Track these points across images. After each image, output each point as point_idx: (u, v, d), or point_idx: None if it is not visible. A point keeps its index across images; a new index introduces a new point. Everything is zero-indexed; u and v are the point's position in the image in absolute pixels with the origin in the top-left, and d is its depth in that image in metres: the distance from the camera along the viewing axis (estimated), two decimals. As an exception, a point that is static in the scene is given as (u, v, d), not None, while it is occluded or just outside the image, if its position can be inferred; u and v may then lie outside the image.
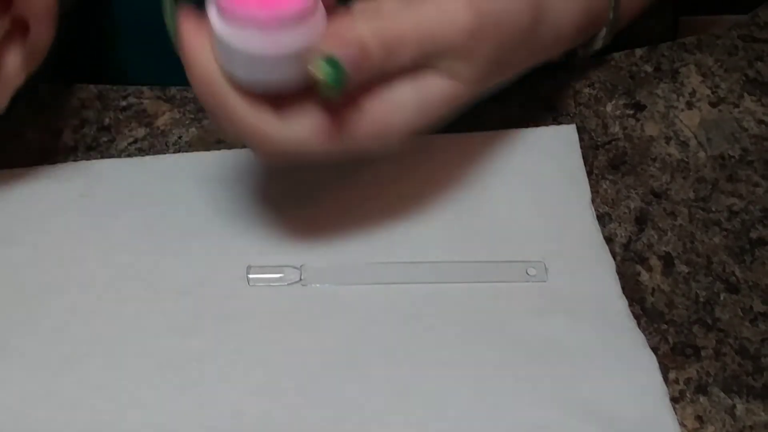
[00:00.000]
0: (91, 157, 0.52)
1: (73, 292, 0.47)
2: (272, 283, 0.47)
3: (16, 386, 0.44)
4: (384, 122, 0.40)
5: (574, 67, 0.55)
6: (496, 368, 0.44)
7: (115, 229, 0.49)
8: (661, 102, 0.55)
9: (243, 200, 0.50)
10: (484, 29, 0.40)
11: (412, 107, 0.41)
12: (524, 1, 0.43)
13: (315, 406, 0.43)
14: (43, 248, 0.48)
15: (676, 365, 0.44)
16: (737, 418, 0.43)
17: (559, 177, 0.51)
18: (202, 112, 0.54)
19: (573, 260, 0.47)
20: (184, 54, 0.38)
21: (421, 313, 0.46)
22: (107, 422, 0.43)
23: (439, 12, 0.39)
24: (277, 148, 0.39)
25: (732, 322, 0.46)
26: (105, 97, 0.55)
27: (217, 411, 0.43)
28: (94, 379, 0.44)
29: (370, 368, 0.44)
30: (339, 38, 0.36)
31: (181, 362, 0.44)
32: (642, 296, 0.47)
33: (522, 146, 0.52)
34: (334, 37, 0.36)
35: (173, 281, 0.47)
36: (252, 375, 0.44)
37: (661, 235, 0.49)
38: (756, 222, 0.49)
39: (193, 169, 0.51)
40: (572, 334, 0.45)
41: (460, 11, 0.39)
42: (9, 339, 0.45)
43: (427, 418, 0.42)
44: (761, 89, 0.55)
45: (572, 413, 0.42)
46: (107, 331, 0.45)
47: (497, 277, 0.47)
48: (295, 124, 0.39)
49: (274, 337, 0.45)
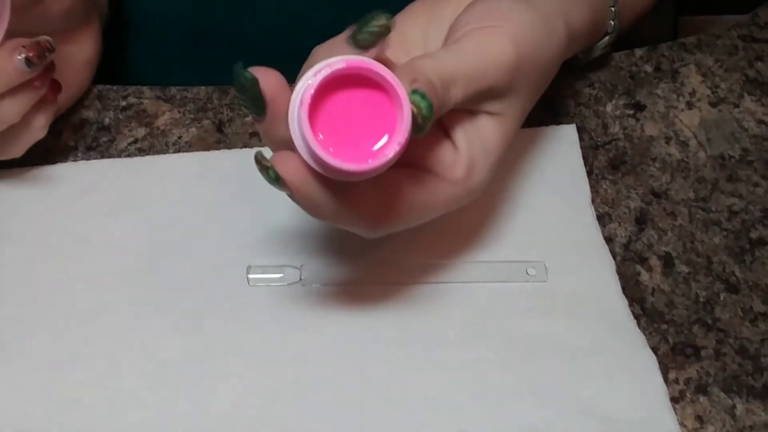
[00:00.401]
0: (91, 157, 0.52)
1: (73, 292, 0.47)
2: (272, 283, 0.47)
3: (16, 386, 0.44)
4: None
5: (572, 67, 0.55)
6: (496, 368, 0.44)
7: (115, 229, 0.49)
8: (661, 102, 0.55)
9: (243, 200, 0.50)
10: (525, 66, 0.41)
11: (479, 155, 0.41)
12: (558, 35, 0.43)
13: (315, 406, 0.43)
14: (43, 248, 0.48)
15: (676, 365, 0.44)
16: (737, 418, 0.43)
17: (559, 177, 0.51)
18: (202, 112, 0.54)
19: (573, 260, 0.47)
20: (270, 140, 0.39)
21: (421, 313, 0.46)
22: (107, 422, 0.43)
23: (484, 51, 0.40)
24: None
25: (732, 322, 0.46)
26: (105, 97, 0.55)
27: (217, 411, 0.43)
28: (94, 379, 0.44)
29: (370, 368, 0.44)
30: (411, 75, 0.37)
31: (181, 362, 0.44)
32: (642, 296, 0.47)
33: (522, 146, 0.52)
34: (406, 75, 0.37)
35: (173, 281, 0.47)
36: (252, 375, 0.44)
37: (661, 235, 0.49)
38: (756, 222, 0.49)
39: (193, 169, 0.51)
40: (572, 334, 0.45)
41: (503, 49, 0.40)
42: (9, 339, 0.45)
43: (427, 417, 0.42)
44: (761, 89, 0.55)
45: (572, 413, 0.42)
46: (107, 331, 0.45)
47: (497, 277, 0.47)
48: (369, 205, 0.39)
49: (274, 337, 0.45)
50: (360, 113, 0.35)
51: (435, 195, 0.40)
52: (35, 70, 0.44)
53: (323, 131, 0.35)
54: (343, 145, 0.35)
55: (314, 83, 0.34)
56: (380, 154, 0.35)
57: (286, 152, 0.36)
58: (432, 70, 0.37)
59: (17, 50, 0.43)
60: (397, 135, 0.35)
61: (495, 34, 0.40)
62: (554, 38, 0.43)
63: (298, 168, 0.36)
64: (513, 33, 0.40)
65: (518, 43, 0.40)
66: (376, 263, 0.47)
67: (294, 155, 0.36)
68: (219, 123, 0.54)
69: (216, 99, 0.55)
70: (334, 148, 0.34)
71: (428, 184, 0.40)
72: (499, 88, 0.40)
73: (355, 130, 0.35)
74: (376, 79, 0.35)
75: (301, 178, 0.36)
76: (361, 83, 0.35)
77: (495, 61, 0.40)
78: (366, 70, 0.35)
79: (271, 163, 0.36)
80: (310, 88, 0.34)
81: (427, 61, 0.38)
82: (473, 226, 0.49)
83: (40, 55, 0.44)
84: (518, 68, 0.41)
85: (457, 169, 0.40)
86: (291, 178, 0.36)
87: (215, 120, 0.54)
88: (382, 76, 0.35)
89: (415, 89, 0.36)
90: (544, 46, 0.42)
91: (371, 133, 0.35)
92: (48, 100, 0.47)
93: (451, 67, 0.38)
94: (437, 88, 0.37)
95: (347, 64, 0.34)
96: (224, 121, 0.54)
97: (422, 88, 0.36)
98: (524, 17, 0.42)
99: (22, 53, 0.43)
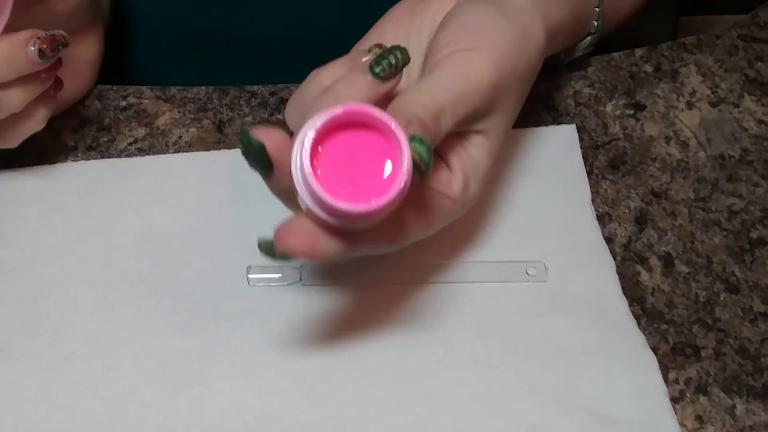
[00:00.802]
0: (91, 157, 0.53)
1: (73, 292, 0.47)
2: (272, 283, 0.47)
3: (16, 386, 0.44)
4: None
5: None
6: (496, 368, 0.44)
7: (115, 229, 0.49)
8: (661, 102, 0.55)
9: (243, 200, 0.50)
10: (505, 83, 0.42)
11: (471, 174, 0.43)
12: (536, 41, 0.44)
13: (315, 406, 0.43)
14: (43, 248, 0.48)
15: (676, 365, 0.44)
16: (737, 418, 0.43)
17: (559, 177, 0.51)
18: (202, 112, 0.54)
19: (573, 260, 0.47)
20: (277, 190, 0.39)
21: (421, 313, 0.46)
22: (107, 422, 0.43)
23: (466, 76, 0.40)
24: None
25: (732, 322, 0.46)
26: (105, 97, 0.55)
27: (217, 411, 0.43)
28: (94, 379, 0.44)
29: (370, 368, 0.44)
30: (404, 118, 0.37)
31: (180, 362, 0.44)
32: (642, 296, 0.47)
33: (522, 146, 0.52)
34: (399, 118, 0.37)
35: (173, 281, 0.47)
36: (252, 375, 0.44)
37: (661, 235, 0.49)
38: (756, 222, 0.49)
39: (193, 169, 0.51)
40: (572, 334, 0.45)
41: (484, 73, 0.41)
42: (9, 339, 0.45)
43: (427, 417, 0.42)
44: (761, 89, 0.55)
45: (572, 413, 0.42)
46: (107, 331, 0.45)
47: (497, 277, 0.47)
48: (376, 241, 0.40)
49: (274, 337, 0.45)
50: (360, 156, 0.36)
51: (440, 211, 0.42)
52: (47, 61, 0.45)
53: (325, 178, 0.35)
54: (346, 189, 0.35)
55: (313, 133, 0.35)
56: (384, 194, 0.35)
57: (286, 229, 0.37)
58: (422, 108, 0.38)
59: (32, 41, 0.44)
60: (399, 176, 0.35)
61: (475, 58, 0.41)
62: (533, 46, 0.43)
63: (303, 238, 0.37)
64: (493, 55, 0.41)
65: (498, 63, 0.41)
66: (375, 264, 0.47)
67: (293, 228, 0.37)
68: (219, 123, 0.54)
69: (216, 99, 0.55)
70: (336, 192, 0.35)
71: (432, 202, 0.41)
72: (483, 108, 0.41)
73: (357, 174, 0.36)
74: (374, 124, 0.36)
75: (311, 244, 0.37)
76: (358, 125, 0.36)
77: (477, 85, 0.41)
78: (364, 116, 0.35)
79: (278, 250, 0.37)
80: (309, 138, 0.35)
81: (416, 97, 0.39)
82: (473, 226, 0.49)
83: (53, 48, 0.45)
84: (499, 87, 0.41)
85: (454, 187, 0.42)
86: (301, 249, 0.37)
87: (215, 120, 0.54)
88: (382, 122, 0.35)
89: (413, 136, 0.36)
90: (523, 58, 0.43)
91: (373, 175, 0.36)
92: (49, 94, 0.48)
93: (439, 100, 0.39)
94: (430, 127, 0.38)
95: (345, 110, 0.35)
96: (224, 121, 0.54)
97: (418, 132, 0.37)
98: (502, 34, 0.42)
99: (37, 44, 0.44)
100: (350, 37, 0.48)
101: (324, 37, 0.61)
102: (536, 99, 0.54)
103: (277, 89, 0.55)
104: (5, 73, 0.44)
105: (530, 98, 0.45)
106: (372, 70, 0.38)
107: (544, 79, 0.55)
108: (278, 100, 0.55)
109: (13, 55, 0.44)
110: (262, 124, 0.35)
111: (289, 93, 0.55)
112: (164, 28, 0.63)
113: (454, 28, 0.42)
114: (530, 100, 0.45)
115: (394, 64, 0.38)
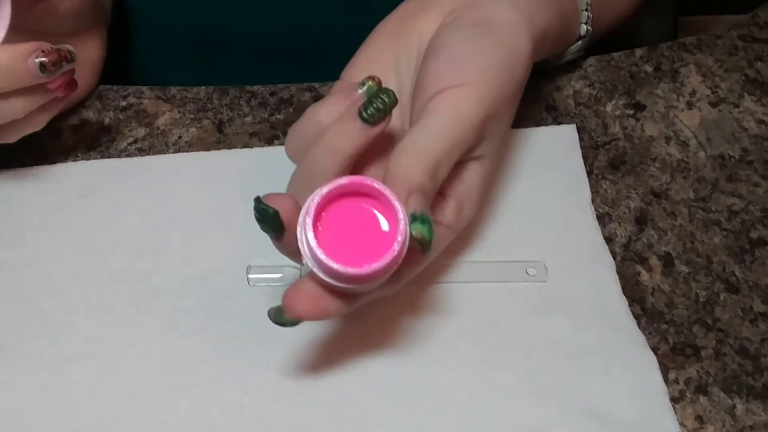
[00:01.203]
0: (91, 157, 0.53)
1: (73, 292, 0.47)
2: (272, 283, 0.47)
3: (16, 386, 0.44)
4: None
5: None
6: (496, 368, 0.44)
7: (115, 229, 0.49)
8: (661, 102, 0.55)
9: (243, 200, 0.50)
10: (496, 111, 0.42)
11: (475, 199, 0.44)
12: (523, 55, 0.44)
13: (315, 406, 0.43)
14: (43, 248, 0.48)
15: (676, 365, 0.44)
16: (737, 418, 0.43)
17: (559, 177, 0.51)
18: (202, 112, 0.54)
19: (573, 260, 0.47)
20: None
21: (421, 313, 0.46)
22: (107, 422, 0.43)
23: (457, 118, 0.41)
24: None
25: (732, 322, 0.46)
26: (105, 97, 0.55)
27: (217, 411, 0.43)
28: (94, 379, 0.44)
29: (370, 368, 0.44)
30: (405, 188, 0.39)
31: (181, 362, 0.44)
32: (642, 296, 0.47)
33: (522, 146, 0.52)
34: (400, 188, 0.38)
35: (173, 281, 0.47)
36: (252, 375, 0.44)
37: (661, 235, 0.49)
38: (756, 222, 0.49)
39: (193, 169, 0.51)
40: (572, 334, 0.45)
41: (476, 111, 0.41)
42: (9, 339, 0.45)
43: (427, 417, 0.42)
44: (761, 89, 0.55)
45: (572, 413, 0.42)
46: (107, 331, 0.45)
47: (497, 277, 0.47)
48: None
49: (274, 337, 0.45)
50: (361, 221, 0.38)
51: (436, 241, 0.42)
52: (48, 76, 0.44)
53: (327, 241, 0.38)
54: (347, 253, 0.37)
55: (317, 202, 0.37)
56: (381, 258, 0.37)
57: (293, 296, 0.39)
58: (420, 170, 0.39)
59: (35, 53, 0.43)
60: (395, 242, 0.37)
61: (465, 97, 0.41)
62: (520, 64, 0.44)
63: (309, 303, 0.39)
64: (482, 90, 0.42)
65: (488, 96, 0.42)
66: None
67: (299, 294, 0.39)
68: (219, 123, 0.54)
69: (216, 99, 0.55)
70: (337, 256, 0.37)
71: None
72: (474, 143, 0.42)
73: (357, 238, 0.38)
74: (374, 193, 0.38)
75: (316, 308, 0.39)
76: (355, 192, 0.38)
77: (469, 125, 0.41)
78: (367, 187, 0.38)
79: (287, 316, 0.39)
80: (312, 207, 0.37)
81: (412, 158, 0.40)
82: (473, 226, 0.49)
83: (56, 62, 0.44)
84: (490, 118, 0.42)
85: (447, 215, 0.43)
86: (308, 313, 0.39)
87: (215, 120, 0.54)
88: (382, 194, 0.37)
89: (414, 215, 0.38)
90: (511, 82, 0.43)
91: (373, 240, 0.38)
92: (57, 98, 0.47)
93: (434, 154, 0.40)
94: (429, 189, 0.39)
95: (350, 181, 0.37)
96: (224, 121, 0.54)
97: (419, 207, 0.38)
98: (491, 62, 0.43)
99: (40, 57, 0.43)
100: (350, 38, 0.48)
101: (324, 37, 0.61)
102: (536, 99, 0.54)
103: (277, 89, 0.55)
104: (4, 83, 0.43)
105: (530, 98, 0.46)
106: (361, 116, 0.39)
107: (544, 79, 0.55)
108: (278, 100, 0.55)
109: (13, 66, 0.43)
110: (271, 193, 0.38)
111: (289, 93, 0.55)
112: (164, 28, 0.63)
113: (443, 61, 0.43)
114: (530, 100, 0.45)
115: (382, 108, 0.39)
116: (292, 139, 0.43)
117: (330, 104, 0.42)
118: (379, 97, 0.39)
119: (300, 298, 0.39)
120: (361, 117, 0.39)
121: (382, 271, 0.37)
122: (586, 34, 0.52)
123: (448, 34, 0.44)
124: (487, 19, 0.44)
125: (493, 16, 0.44)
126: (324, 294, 0.39)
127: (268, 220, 0.38)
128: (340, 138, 0.40)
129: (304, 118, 0.43)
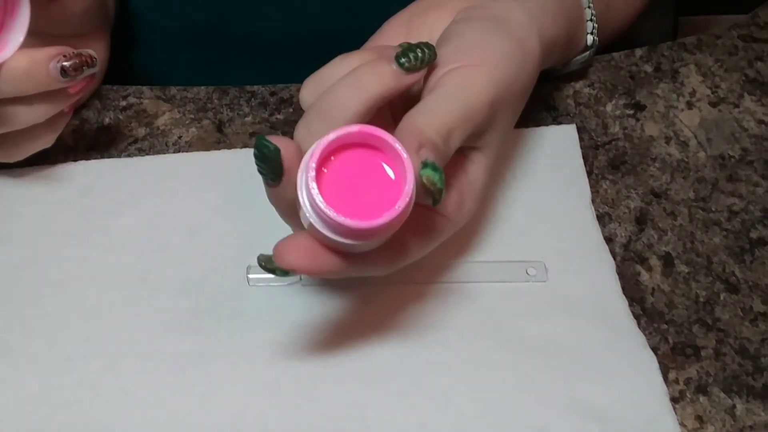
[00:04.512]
0: (91, 157, 0.52)
1: (73, 292, 0.47)
2: (272, 283, 0.47)
3: (16, 386, 0.44)
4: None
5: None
6: (496, 368, 0.44)
7: (115, 229, 0.49)
8: (661, 102, 0.55)
9: (243, 200, 0.50)
10: (503, 100, 0.42)
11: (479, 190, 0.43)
12: (533, 55, 0.44)
13: (315, 406, 0.43)
14: (43, 248, 0.48)
15: (676, 365, 0.44)
16: (737, 418, 0.43)
17: (559, 177, 0.51)
18: (202, 112, 0.54)
19: (573, 260, 0.47)
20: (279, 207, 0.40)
21: (421, 313, 0.46)
22: (106, 422, 0.43)
23: (468, 92, 0.40)
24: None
25: (732, 322, 0.46)
26: (105, 97, 0.55)
27: (217, 411, 0.43)
28: (93, 379, 0.44)
29: (370, 368, 0.44)
30: (417, 141, 0.37)
31: (180, 362, 0.44)
32: (642, 296, 0.47)
33: (522, 146, 0.52)
34: (411, 140, 0.37)
35: (173, 281, 0.47)
36: (252, 375, 0.44)
37: (661, 235, 0.49)
38: (756, 222, 0.49)
39: (193, 169, 0.51)
40: (572, 334, 0.45)
41: (486, 90, 0.41)
42: (9, 339, 0.45)
43: (427, 417, 0.42)
44: (761, 89, 0.55)
45: (572, 413, 0.42)
46: (107, 331, 0.45)
47: (497, 277, 0.47)
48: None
49: (274, 337, 0.45)
50: (365, 174, 0.36)
51: (436, 230, 0.42)
52: (69, 81, 0.44)
53: (330, 193, 0.35)
54: (350, 206, 0.35)
55: (323, 147, 0.35)
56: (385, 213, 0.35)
57: (285, 244, 0.37)
58: (433, 129, 0.38)
59: (57, 58, 0.43)
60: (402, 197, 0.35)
61: (477, 75, 0.41)
62: (530, 62, 0.44)
63: (303, 253, 0.37)
64: (493, 72, 0.41)
65: (498, 80, 0.41)
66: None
67: (292, 244, 0.37)
68: (219, 123, 0.54)
69: (216, 99, 0.55)
70: (340, 208, 0.34)
71: (428, 221, 0.42)
72: (482, 126, 0.41)
73: (361, 192, 0.36)
74: (384, 147, 0.36)
75: (311, 259, 0.37)
76: (366, 145, 0.36)
77: (480, 102, 0.40)
78: (377, 139, 0.35)
79: (277, 265, 0.37)
80: (317, 151, 0.35)
81: (425, 119, 0.38)
82: (473, 226, 0.49)
83: (77, 68, 0.44)
84: (498, 104, 0.42)
85: (448, 206, 0.42)
86: (300, 264, 0.37)
87: (215, 120, 0.54)
88: (392, 146, 0.35)
89: (425, 162, 0.36)
90: (521, 73, 0.43)
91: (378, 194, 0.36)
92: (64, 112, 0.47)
93: (447, 120, 0.39)
94: (442, 149, 0.38)
95: (360, 130, 0.35)
96: (224, 121, 0.54)
97: (431, 157, 0.36)
98: (502, 51, 0.42)
99: (61, 62, 0.43)
100: (350, 38, 0.48)
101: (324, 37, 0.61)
102: (536, 99, 0.54)
103: (277, 89, 0.55)
104: (24, 87, 0.43)
105: (530, 98, 0.45)
106: (398, 60, 0.38)
107: (545, 79, 0.55)
108: (278, 100, 0.55)
109: (34, 71, 0.43)
110: (275, 134, 0.36)
111: (289, 93, 0.55)
112: (164, 29, 0.63)
113: (454, 47, 0.42)
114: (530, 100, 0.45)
115: (420, 57, 0.38)
116: (312, 80, 0.41)
117: (361, 54, 0.40)
118: (420, 47, 0.38)
119: (293, 248, 0.36)
120: (397, 61, 0.38)
121: (387, 225, 0.35)
122: (592, 44, 0.52)
123: (459, 27, 0.44)
124: (499, 17, 0.44)
125: (504, 15, 0.44)
126: (320, 248, 0.37)
127: (268, 158, 0.36)
128: (371, 75, 0.38)
129: (331, 63, 0.41)
